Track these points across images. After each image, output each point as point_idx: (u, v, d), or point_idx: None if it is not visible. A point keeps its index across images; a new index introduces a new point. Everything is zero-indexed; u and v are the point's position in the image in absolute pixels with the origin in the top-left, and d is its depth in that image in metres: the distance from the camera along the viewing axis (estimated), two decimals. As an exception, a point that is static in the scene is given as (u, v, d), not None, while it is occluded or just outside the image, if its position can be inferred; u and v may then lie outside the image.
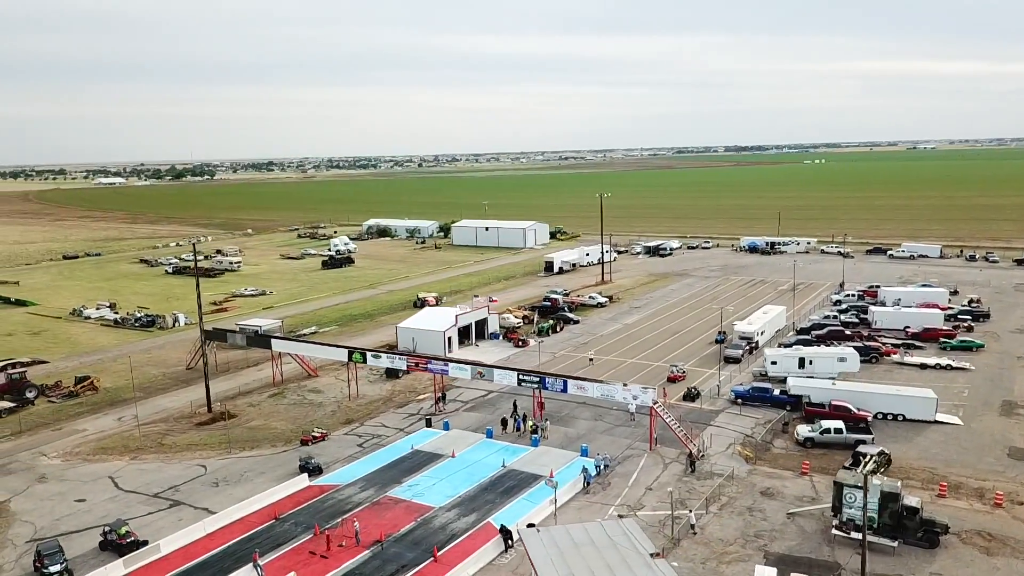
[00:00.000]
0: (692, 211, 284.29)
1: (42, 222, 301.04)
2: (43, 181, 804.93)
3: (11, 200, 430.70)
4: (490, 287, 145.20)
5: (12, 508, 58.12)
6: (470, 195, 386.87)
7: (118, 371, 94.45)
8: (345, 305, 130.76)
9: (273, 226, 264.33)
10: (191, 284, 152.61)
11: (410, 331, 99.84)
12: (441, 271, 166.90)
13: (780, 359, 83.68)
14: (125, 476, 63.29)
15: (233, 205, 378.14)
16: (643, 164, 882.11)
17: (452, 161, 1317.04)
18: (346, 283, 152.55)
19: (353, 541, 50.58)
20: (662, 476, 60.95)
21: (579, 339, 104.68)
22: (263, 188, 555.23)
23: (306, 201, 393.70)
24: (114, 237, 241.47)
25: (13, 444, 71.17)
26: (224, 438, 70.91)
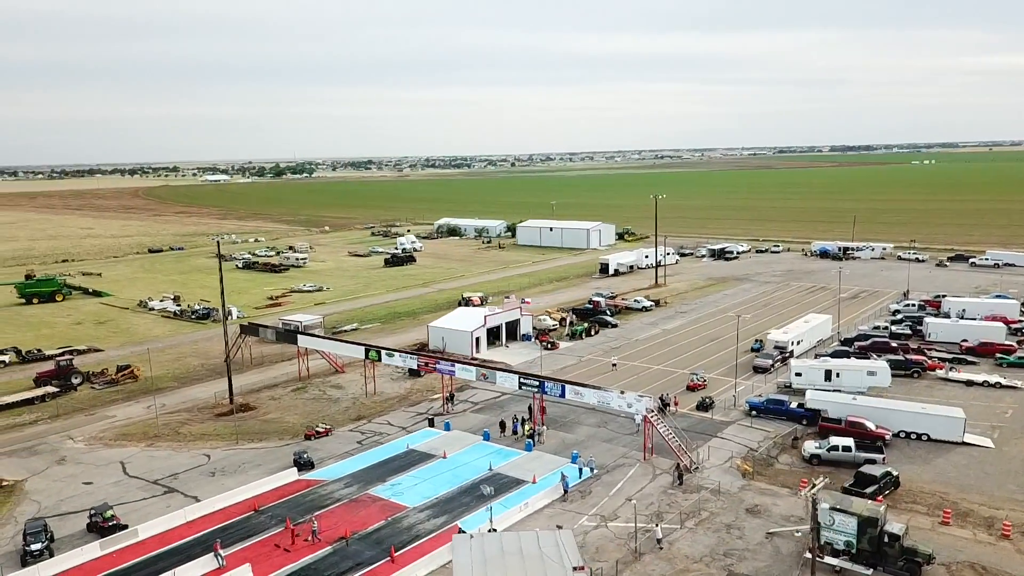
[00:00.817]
0: (775, 213, 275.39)
1: (141, 217, 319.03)
2: (157, 178, 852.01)
3: (123, 196, 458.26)
4: (540, 288, 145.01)
5: (26, 487, 62.05)
6: (552, 195, 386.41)
7: (163, 361, 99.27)
8: (394, 303, 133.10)
9: (351, 223, 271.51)
10: (257, 278, 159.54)
11: (440, 330, 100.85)
12: (498, 271, 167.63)
13: (806, 371, 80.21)
14: (135, 462, 66.55)
15: (322, 202, 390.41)
16: (741, 164, 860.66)
17: (546, 160, 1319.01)
18: (402, 281, 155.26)
19: (317, 537, 51.65)
20: (648, 487, 59.52)
21: (612, 343, 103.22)
22: (356, 186, 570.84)
23: (393, 199, 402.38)
24: (201, 232, 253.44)
25: (47, 427, 75.90)
26: (236, 429, 73.61)
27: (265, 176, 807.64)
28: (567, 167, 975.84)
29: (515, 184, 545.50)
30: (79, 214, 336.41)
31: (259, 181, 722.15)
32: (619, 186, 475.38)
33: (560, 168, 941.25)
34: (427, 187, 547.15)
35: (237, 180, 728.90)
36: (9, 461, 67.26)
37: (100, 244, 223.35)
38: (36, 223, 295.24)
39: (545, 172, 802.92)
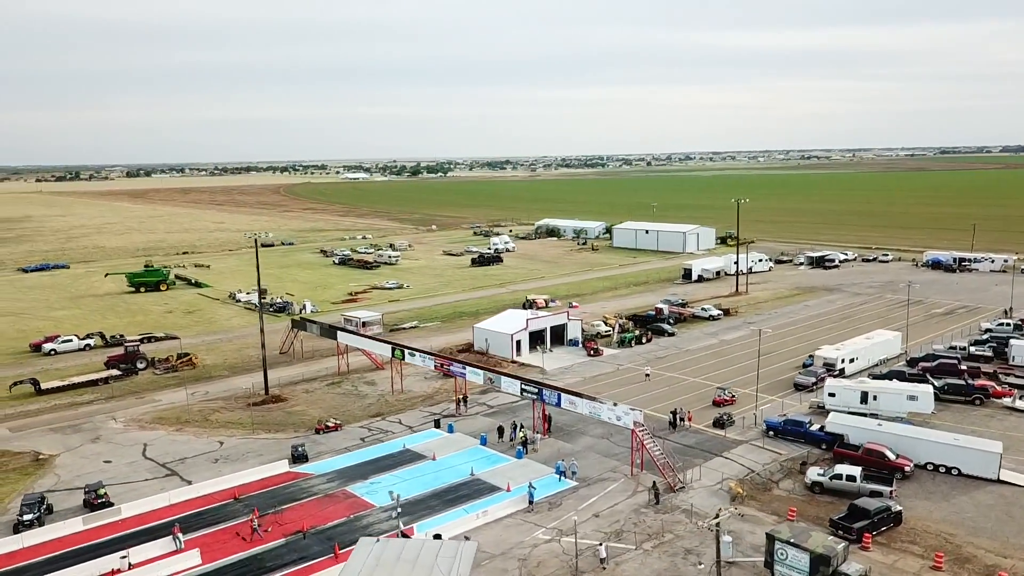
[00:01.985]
0: (905, 219, 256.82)
1: (272, 212, 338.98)
2: (304, 175, 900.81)
3: (264, 192, 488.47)
4: (615, 292, 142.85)
5: (56, 462, 67.89)
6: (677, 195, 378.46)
7: (227, 350, 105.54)
8: (463, 302, 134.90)
9: (460, 223, 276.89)
10: (348, 274, 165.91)
11: (485, 332, 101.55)
12: (580, 273, 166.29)
13: (840, 391, 74.91)
14: (156, 445, 71.32)
15: (444, 201, 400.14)
16: (893, 165, 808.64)
17: (684, 160, 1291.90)
18: (481, 281, 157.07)
19: (280, 528, 53.62)
20: (621, 503, 57.70)
21: (660, 352, 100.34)
22: (483, 186, 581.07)
23: (514, 199, 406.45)
24: (318, 228, 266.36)
25: (98, 407, 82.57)
26: (258, 419, 77.34)
27: (402, 175, 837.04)
28: (705, 167, 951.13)
29: (643, 184, 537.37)
30: (218, 209, 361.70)
31: (395, 180, 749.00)
32: (751, 187, 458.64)
33: (697, 168, 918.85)
34: (553, 187, 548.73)
35: (375, 178, 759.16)
36: (53, 437, 73.78)
37: (224, 238, 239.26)
38: (178, 217, 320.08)
39: (681, 172, 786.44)
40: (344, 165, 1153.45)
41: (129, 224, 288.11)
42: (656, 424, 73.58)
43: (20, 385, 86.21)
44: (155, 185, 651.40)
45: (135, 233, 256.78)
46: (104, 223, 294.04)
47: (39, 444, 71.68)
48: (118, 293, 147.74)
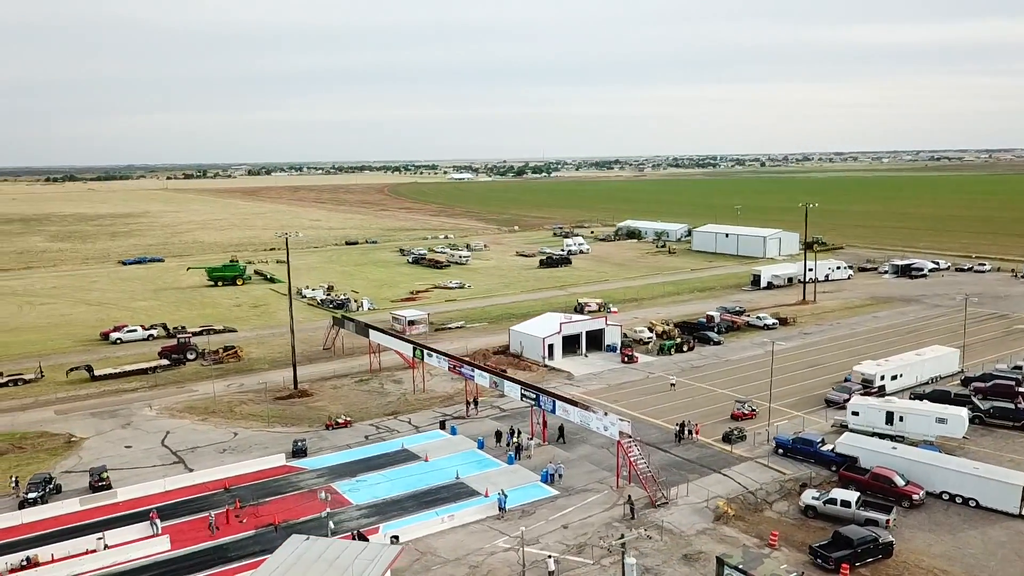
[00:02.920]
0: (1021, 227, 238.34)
1: (369, 211, 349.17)
2: (412, 175, 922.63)
3: (369, 192, 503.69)
4: (675, 297, 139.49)
5: (84, 444, 72.50)
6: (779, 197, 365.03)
7: (276, 344, 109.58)
8: (518, 303, 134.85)
9: (545, 223, 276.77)
10: (416, 273, 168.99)
11: (519, 334, 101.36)
12: (648, 277, 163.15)
13: (864, 410, 70.52)
14: (177, 433, 74.99)
15: (538, 202, 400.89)
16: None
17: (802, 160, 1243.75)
18: (544, 282, 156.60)
19: (255, 520, 55.44)
20: (596, 516, 56.41)
21: (698, 361, 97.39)
22: (586, 186, 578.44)
23: (611, 199, 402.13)
24: (407, 227, 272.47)
25: (140, 395, 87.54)
26: (278, 412, 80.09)
27: (507, 175, 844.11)
28: (823, 168, 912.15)
29: (749, 185, 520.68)
30: (318, 207, 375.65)
31: (498, 180, 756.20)
32: (864, 190, 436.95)
33: (814, 169, 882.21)
34: (654, 188, 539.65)
35: (479, 179, 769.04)
36: (90, 420, 78.81)
37: (314, 235, 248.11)
38: (279, 214, 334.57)
39: (795, 173, 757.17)
40: (454, 165, 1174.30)
41: (232, 220, 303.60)
42: (662, 436, 71.63)
43: (76, 371, 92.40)
44: (271, 183, 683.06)
45: (235, 229, 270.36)
46: (211, 219, 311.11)
47: (75, 427, 76.75)
48: (198, 286, 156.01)
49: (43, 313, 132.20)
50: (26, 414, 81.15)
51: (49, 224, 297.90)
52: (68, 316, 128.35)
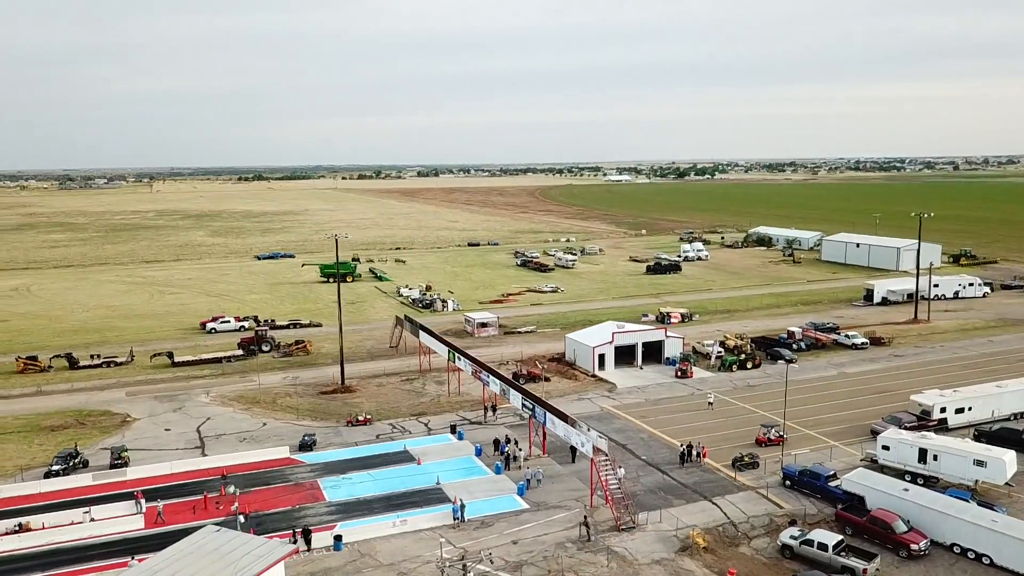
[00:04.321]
0: None
1: (508, 213, 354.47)
2: (573, 177, 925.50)
3: (519, 194, 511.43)
4: (775, 310, 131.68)
5: (134, 425, 79.20)
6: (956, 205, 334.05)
7: (349, 340, 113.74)
8: (602, 310, 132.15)
9: (679, 227, 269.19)
10: (519, 276, 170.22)
11: (573, 342, 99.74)
12: (756, 287, 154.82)
13: (896, 445, 63.54)
14: (215, 420, 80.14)
15: (686, 205, 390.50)
16: None
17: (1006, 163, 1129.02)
18: (644, 289, 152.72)
19: (228, 504, 58.47)
20: (551, 535, 54.66)
21: (758, 380, 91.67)
22: (747, 189, 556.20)
23: (766, 203, 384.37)
24: (536, 230, 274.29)
25: (205, 382, 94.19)
26: (312, 406, 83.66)
27: (668, 177, 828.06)
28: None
29: (934, 191, 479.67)
30: (462, 208, 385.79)
31: (657, 182, 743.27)
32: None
33: (1015, 174, 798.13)
34: (820, 192, 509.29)
35: (637, 181, 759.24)
36: (150, 403, 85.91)
37: (445, 236, 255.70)
38: (421, 215, 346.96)
39: (992, 178, 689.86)
40: (617, 167, 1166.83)
41: (377, 220, 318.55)
42: (670, 456, 68.16)
43: (159, 356, 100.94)
44: (432, 185, 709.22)
45: (375, 228, 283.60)
46: (358, 218, 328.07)
47: (135, 409, 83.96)
48: (310, 282, 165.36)
49: (168, 302, 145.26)
50: (102, 393, 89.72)
51: (216, 220, 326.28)
52: (186, 306, 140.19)
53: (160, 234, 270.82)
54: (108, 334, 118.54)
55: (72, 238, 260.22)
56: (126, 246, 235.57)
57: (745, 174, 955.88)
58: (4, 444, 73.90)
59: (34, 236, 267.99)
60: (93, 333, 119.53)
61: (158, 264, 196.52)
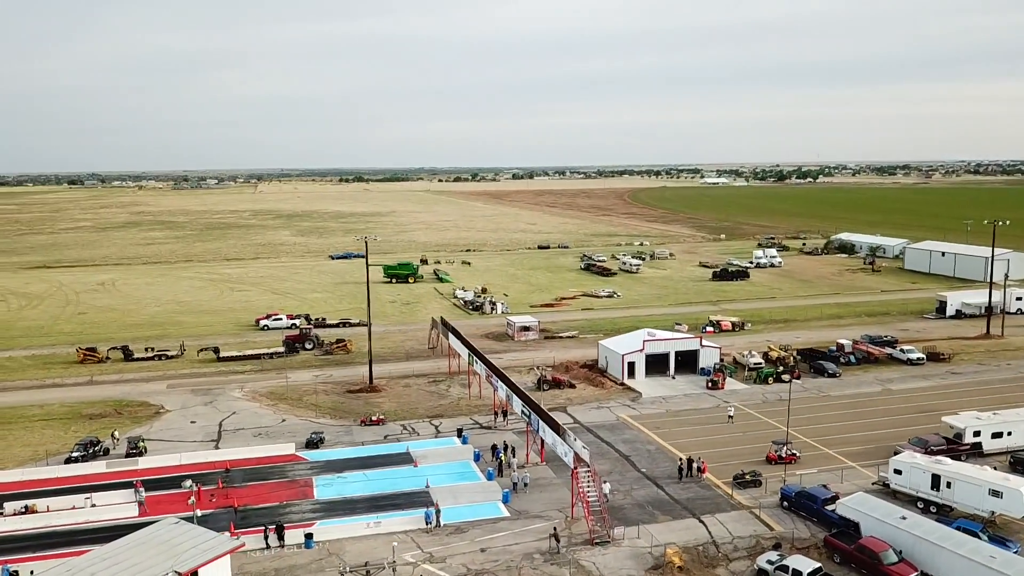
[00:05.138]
0: None
1: (589, 216, 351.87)
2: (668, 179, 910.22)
3: (607, 197, 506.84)
4: (834, 321, 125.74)
5: (164, 416, 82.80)
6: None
7: (393, 340, 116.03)
8: (654, 317, 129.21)
9: (759, 233, 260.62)
10: (578, 279, 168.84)
11: (605, 350, 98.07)
12: (822, 296, 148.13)
13: (908, 470, 59.48)
14: (239, 415, 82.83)
15: (778, 209, 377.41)
16: None
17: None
18: (703, 296, 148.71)
19: (225, 500, 60.40)
20: (521, 545, 53.93)
21: (795, 393, 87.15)
22: (848, 193, 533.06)
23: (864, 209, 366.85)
24: (612, 233, 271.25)
25: (244, 377, 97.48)
26: (335, 404, 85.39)
27: (767, 180, 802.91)
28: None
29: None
30: (545, 211, 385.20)
31: (755, 185, 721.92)
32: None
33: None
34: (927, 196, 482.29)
35: (734, 184, 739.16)
36: (185, 396, 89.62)
37: (518, 238, 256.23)
38: (501, 217, 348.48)
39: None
40: (717, 169, 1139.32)
41: (457, 222, 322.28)
42: (670, 470, 66.01)
43: (205, 351, 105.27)
44: (523, 187, 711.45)
45: (453, 230, 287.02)
46: (440, 220, 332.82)
47: (170, 401, 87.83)
48: (373, 282, 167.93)
49: (234, 299, 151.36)
50: (146, 385, 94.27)
51: (305, 220, 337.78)
52: (249, 303, 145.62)
53: (248, 233, 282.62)
54: (170, 328, 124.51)
55: (168, 236, 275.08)
56: (214, 244, 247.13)
57: (852, 177, 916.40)
58: (45, 429, 78.73)
59: (135, 233, 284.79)
60: (157, 327, 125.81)
61: (237, 262, 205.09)
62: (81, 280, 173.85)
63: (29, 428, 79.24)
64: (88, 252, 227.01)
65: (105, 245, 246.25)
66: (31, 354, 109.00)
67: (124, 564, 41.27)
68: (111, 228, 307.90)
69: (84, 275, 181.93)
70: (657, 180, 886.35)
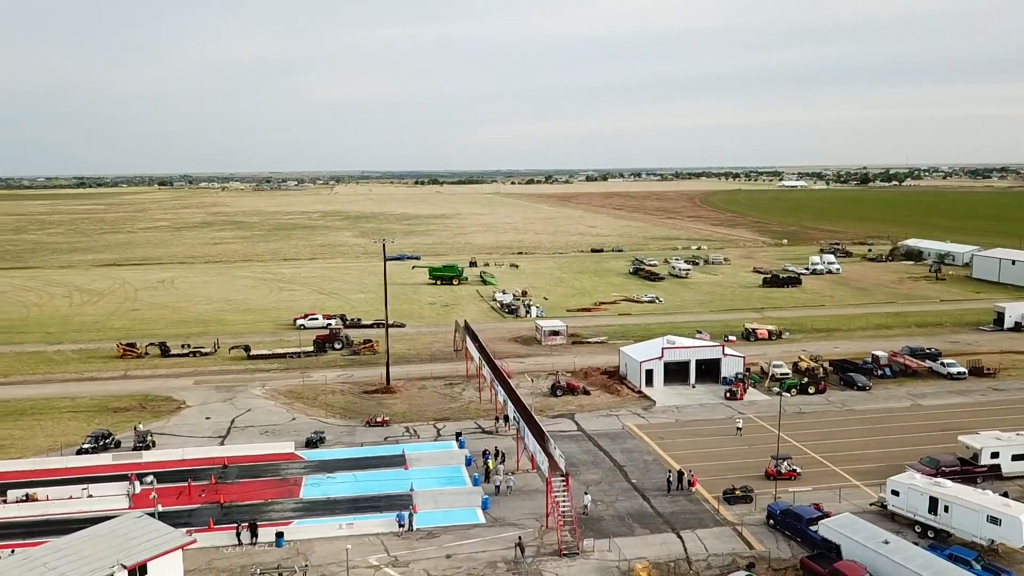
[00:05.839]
0: None
1: (653, 219, 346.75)
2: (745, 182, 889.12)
3: (677, 200, 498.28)
4: (881, 332, 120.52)
5: (182, 411, 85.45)
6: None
7: (422, 342, 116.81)
8: (691, 323, 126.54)
9: (826, 238, 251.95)
10: (628, 284, 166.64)
11: (626, 356, 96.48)
12: (876, 305, 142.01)
13: (906, 491, 56.27)
14: (253, 412, 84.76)
15: (851, 214, 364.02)
16: None
17: None
18: (749, 303, 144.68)
19: (213, 495, 61.92)
20: (487, 553, 53.35)
21: (813, 407, 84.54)
22: (932, 196, 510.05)
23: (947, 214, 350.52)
24: (672, 236, 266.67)
25: (266, 375, 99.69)
26: (347, 404, 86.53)
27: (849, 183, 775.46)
28: None
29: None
30: (609, 213, 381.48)
31: (835, 188, 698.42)
32: None
33: None
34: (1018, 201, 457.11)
35: (813, 187, 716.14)
36: (207, 392, 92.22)
37: (575, 240, 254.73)
38: (563, 220, 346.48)
39: None
40: (798, 172, 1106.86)
41: (517, 224, 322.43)
42: (661, 482, 64.26)
43: (236, 349, 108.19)
44: (594, 189, 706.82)
45: (511, 232, 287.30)
46: (500, 222, 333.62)
47: (192, 396, 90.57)
48: (418, 284, 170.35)
49: (281, 298, 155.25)
50: (175, 380, 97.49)
51: (369, 222, 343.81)
52: (294, 302, 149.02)
53: (312, 233, 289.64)
54: (213, 326, 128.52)
55: (236, 236, 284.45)
56: (276, 244, 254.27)
57: (943, 180, 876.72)
58: (70, 421, 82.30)
59: (206, 233, 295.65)
60: (201, 324, 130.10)
61: (293, 262, 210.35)
62: (144, 278, 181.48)
63: (56, 419, 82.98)
64: (157, 251, 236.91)
65: (175, 244, 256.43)
66: (79, 348, 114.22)
67: (76, 555, 42.62)
68: (185, 228, 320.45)
69: (148, 273, 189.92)
70: (733, 182, 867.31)
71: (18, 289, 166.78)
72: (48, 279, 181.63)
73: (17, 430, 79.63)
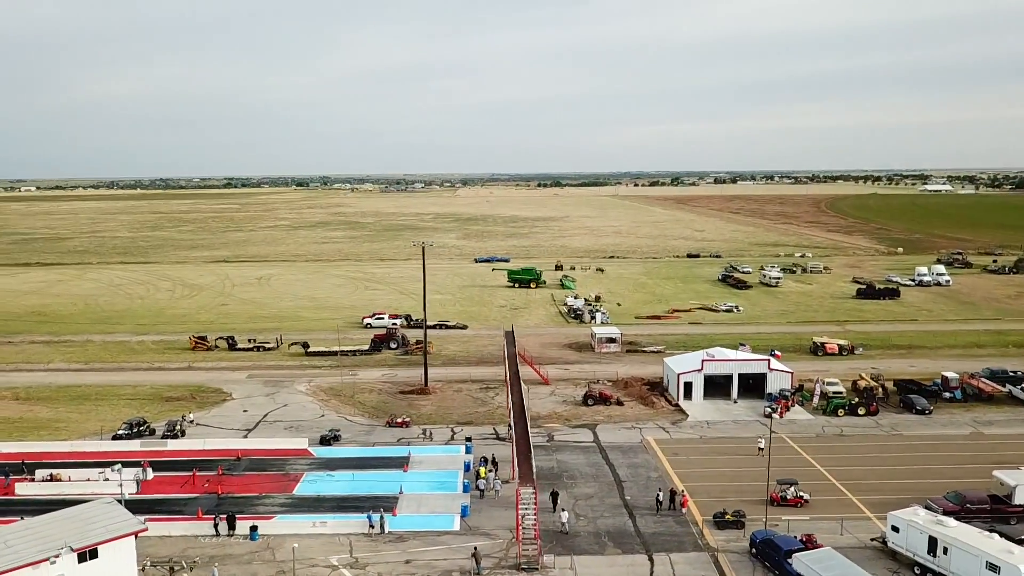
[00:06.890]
0: None
1: (769, 223, 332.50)
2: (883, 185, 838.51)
3: (801, 204, 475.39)
4: (971, 351, 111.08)
5: (225, 403, 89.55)
6: None
7: (474, 345, 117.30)
8: (755, 334, 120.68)
9: (945, 247, 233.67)
10: (713, 292, 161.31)
11: (668, 367, 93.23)
12: (978, 322, 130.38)
13: (906, 529, 51.29)
14: (290, 407, 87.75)
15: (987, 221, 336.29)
16: None
17: None
18: (832, 315, 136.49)
19: (213, 483, 64.64)
20: (447, 561, 52.91)
21: (858, 430, 78.82)
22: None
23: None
24: (780, 243, 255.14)
25: (316, 371, 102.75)
26: (378, 404, 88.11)
27: (1002, 187, 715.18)
28: None
29: None
30: (723, 217, 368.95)
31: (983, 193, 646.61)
32: None
33: None
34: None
35: (958, 191, 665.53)
36: (255, 386, 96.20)
37: (676, 245, 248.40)
38: (672, 223, 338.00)
39: None
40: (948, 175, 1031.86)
41: (622, 228, 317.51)
42: (652, 501, 61.59)
43: (295, 346, 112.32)
44: (717, 192, 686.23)
45: (612, 236, 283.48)
46: (606, 225, 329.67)
47: (240, 389, 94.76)
48: (497, 286, 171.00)
49: (362, 297, 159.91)
50: (231, 374, 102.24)
51: (476, 224, 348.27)
52: (372, 301, 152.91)
53: (419, 235, 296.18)
54: (287, 322, 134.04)
55: (346, 235, 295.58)
56: (379, 244, 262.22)
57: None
58: (125, 408, 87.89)
59: (319, 232, 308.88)
60: (278, 320, 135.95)
61: (389, 262, 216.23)
62: (245, 274, 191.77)
63: (114, 405, 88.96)
64: (268, 249, 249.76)
65: (287, 243, 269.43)
66: (160, 339, 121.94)
67: (37, 535, 45.51)
68: (303, 227, 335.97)
69: (251, 270, 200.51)
70: (871, 186, 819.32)
71: (131, 283, 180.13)
72: (162, 274, 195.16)
73: (76, 413, 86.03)
